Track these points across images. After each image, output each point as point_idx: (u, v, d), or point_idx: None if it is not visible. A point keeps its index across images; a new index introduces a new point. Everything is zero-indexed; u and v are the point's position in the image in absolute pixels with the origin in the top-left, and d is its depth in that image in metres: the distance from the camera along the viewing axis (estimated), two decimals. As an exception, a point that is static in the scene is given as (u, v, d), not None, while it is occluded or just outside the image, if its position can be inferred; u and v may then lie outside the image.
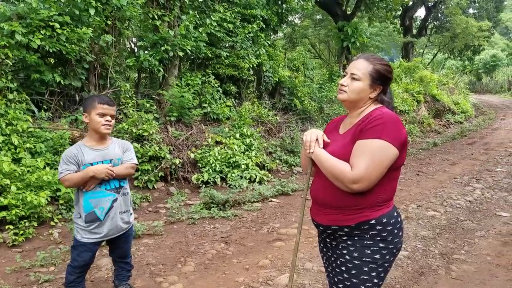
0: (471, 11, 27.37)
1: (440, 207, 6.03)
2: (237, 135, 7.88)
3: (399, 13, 22.48)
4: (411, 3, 22.91)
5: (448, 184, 7.41)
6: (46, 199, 4.74)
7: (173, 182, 6.78)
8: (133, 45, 8.92)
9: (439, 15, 25.13)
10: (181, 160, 6.90)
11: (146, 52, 7.58)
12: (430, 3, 23.86)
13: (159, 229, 4.94)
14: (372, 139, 1.85)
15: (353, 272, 1.94)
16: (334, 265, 2.04)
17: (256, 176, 7.23)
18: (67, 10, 6.16)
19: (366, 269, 1.92)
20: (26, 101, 5.78)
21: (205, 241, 4.71)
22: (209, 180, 6.86)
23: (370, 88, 2.00)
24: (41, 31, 5.68)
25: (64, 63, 6.46)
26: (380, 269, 1.93)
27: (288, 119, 10.09)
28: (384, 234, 1.93)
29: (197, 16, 8.15)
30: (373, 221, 1.91)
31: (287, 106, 10.57)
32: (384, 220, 1.93)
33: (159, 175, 6.55)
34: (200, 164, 7.07)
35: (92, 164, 2.78)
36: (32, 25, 5.65)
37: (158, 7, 7.62)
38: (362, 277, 1.92)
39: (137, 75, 8.61)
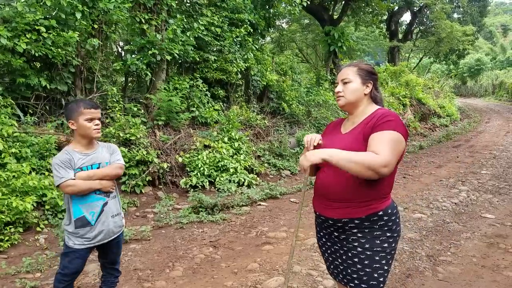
0: (455, 16, 27.76)
1: (427, 209, 6.09)
2: (226, 139, 7.88)
3: (385, 17, 22.69)
4: (396, 8, 23.17)
5: (434, 187, 7.50)
6: (32, 204, 4.68)
7: (161, 186, 6.75)
8: (120, 49, 8.87)
9: (424, 20, 25.43)
10: (169, 164, 6.87)
11: (133, 56, 7.54)
12: (415, 8, 24.15)
13: (146, 234, 4.91)
14: (389, 131, 2.00)
15: (366, 262, 2.09)
16: (344, 257, 2.18)
17: (244, 179, 7.24)
18: (53, 13, 6.10)
19: (377, 258, 2.10)
20: (11, 106, 5.71)
21: (193, 246, 4.69)
22: (198, 184, 6.84)
23: (363, 85, 2.20)
24: (27, 35, 5.62)
25: (50, 67, 6.39)
26: (388, 257, 2.13)
27: (276, 123, 10.12)
28: (390, 224, 2.12)
29: (185, 20, 8.14)
30: (380, 213, 2.10)
31: (275, 109, 10.60)
32: (389, 211, 2.13)
33: (147, 179, 6.51)
34: (188, 168, 7.05)
35: (82, 169, 2.74)
36: (17, 29, 5.59)
37: (145, 11, 7.58)
38: (374, 266, 2.09)
39: (124, 79, 8.56)
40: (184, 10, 8.83)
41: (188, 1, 9.03)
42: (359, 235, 2.10)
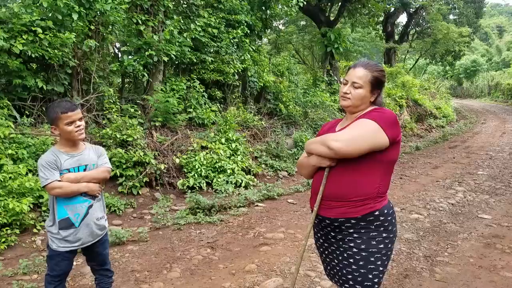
0: (451, 17, 27.84)
1: (424, 210, 6.11)
2: (223, 140, 7.87)
3: (381, 19, 22.77)
4: (393, 9, 23.23)
5: (431, 187, 7.52)
6: (29, 206, 4.66)
7: (158, 187, 6.73)
8: (116, 50, 8.86)
9: (421, 21, 25.55)
10: (166, 166, 6.85)
11: (130, 57, 7.52)
12: (411, 10, 24.24)
13: (144, 235, 4.90)
14: (365, 119, 2.07)
15: (361, 263, 2.10)
16: (340, 258, 2.18)
17: (242, 180, 7.23)
18: (49, 15, 6.09)
19: (372, 259, 2.10)
20: (7, 107, 5.69)
21: (191, 247, 4.68)
22: (195, 185, 6.83)
23: (370, 94, 2.19)
24: (23, 36, 5.61)
25: (46, 68, 6.38)
26: (384, 258, 2.13)
27: (273, 124, 10.12)
28: (386, 224, 2.13)
29: (182, 21, 8.13)
30: (377, 213, 2.10)
31: (272, 111, 10.61)
32: (385, 211, 2.13)
33: (144, 180, 6.49)
34: (185, 169, 7.04)
35: (69, 170, 2.72)
36: (14, 30, 5.58)
37: (142, 12, 7.58)
38: (369, 266, 2.09)
39: (121, 80, 8.55)
40: (181, 11, 8.83)
41: (185, 2, 9.03)
42: (355, 235, 2.11)
